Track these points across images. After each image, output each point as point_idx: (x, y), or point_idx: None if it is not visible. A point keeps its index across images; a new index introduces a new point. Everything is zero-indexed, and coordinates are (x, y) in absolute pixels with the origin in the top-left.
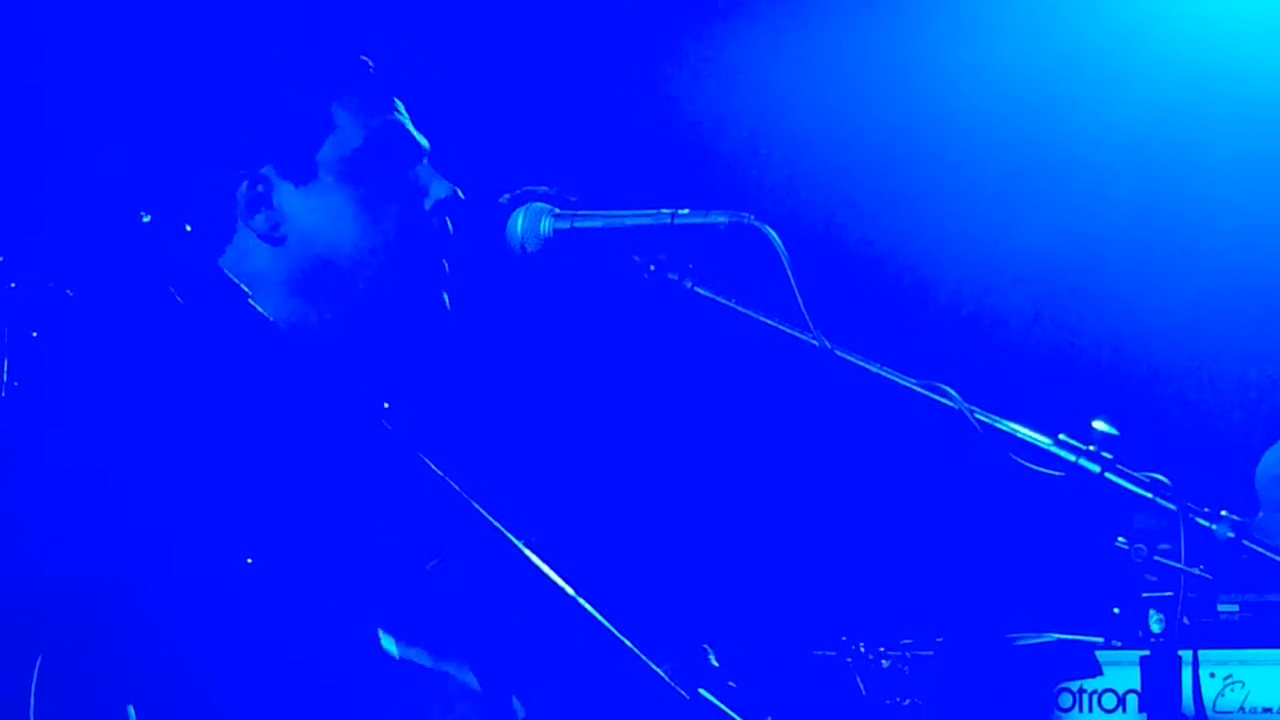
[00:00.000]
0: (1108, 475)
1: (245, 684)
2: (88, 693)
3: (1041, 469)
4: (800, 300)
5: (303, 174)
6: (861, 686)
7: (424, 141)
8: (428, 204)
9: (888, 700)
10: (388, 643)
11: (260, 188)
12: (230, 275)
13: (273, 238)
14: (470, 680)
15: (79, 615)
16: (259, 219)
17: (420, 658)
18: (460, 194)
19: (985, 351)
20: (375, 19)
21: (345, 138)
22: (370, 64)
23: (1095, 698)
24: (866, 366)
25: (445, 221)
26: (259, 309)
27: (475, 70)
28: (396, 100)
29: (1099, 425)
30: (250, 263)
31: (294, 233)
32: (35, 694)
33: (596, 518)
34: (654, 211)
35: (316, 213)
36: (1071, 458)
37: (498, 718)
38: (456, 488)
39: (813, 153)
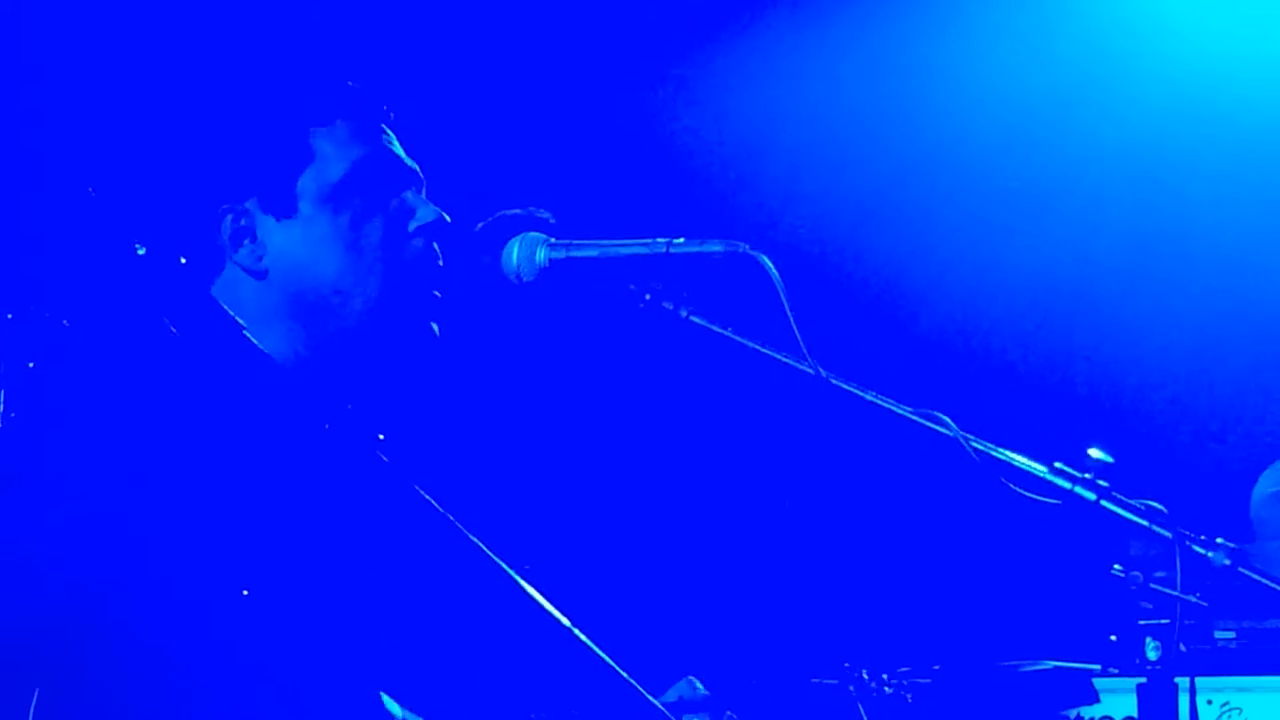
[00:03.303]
0: (1103, 503)
1: (240, 714)
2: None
3: (1037, 497)
4: (795, 329)
5: (283, 207)
6: (864, 715)
7: (414, 165)
8: (411, 227)
9: None
10: (392, 706)
11: (243, 221)
12: (225, 307)
13: (256, 270)
14: None
15: (75, 644)
16: (243, 252)
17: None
18: (447, 218)
19: (980, 379)
20: (363, 43)
21: (326, 168)
22: (356, 90)
23: None
24: (862, 395)
25: (432, 246)
26: (254, 341)
27: (468, 98)
28: (385, 127)
29: (1094, 453)
30: (238, 295)
31: (277, 265)
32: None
33: (594, 547)
34: (649, 240)
35: (298, 245)
36: (1067, 485)
37: None
38: (452, 519)
39: (808, 180)
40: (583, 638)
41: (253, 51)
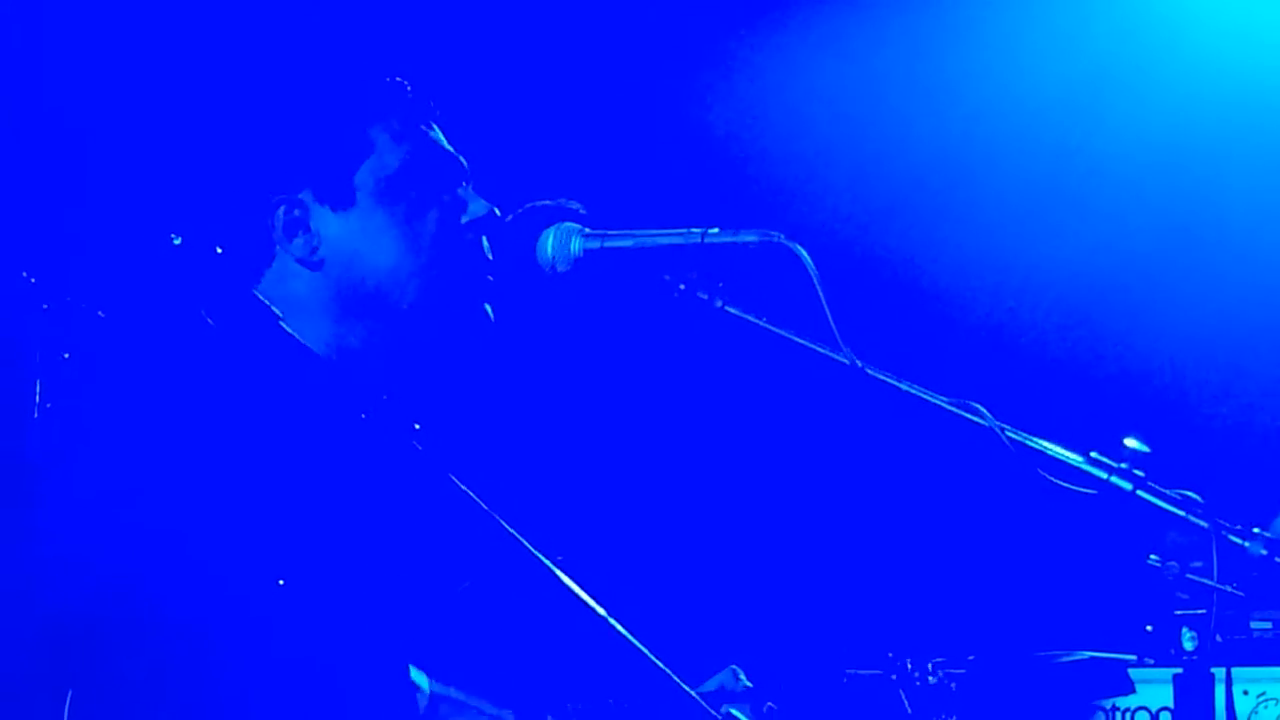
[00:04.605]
0: (1139, 493)
1: (275, 703)
2: (120, 709)
3: (1073, 487)
4: (831, 318)
5: (341, 198)
6: (906, 704)
7: (463, 161)
8: (464, 220)
9: (932, 718)
10: (419, 677)
11: (298, 212)
12: (264, 299)
13: (311, 262)
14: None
15: (111, 633)
16: (297, 243)
17: (453, 694)
18: (497, 212)
19: (1016, 369)
20: (407, 41)
21: (383, 161)
22: (406, 87)
23: (1128, 715)
24: (898, 385)
25: (481, 239)
26: (290, 331)
27: (505, 91)
28: (432, 123)
29: (1130, 442)
30: (289, 287)
31: (333, 256)
32: (69, 712)
33: (628, 536)
34: (684, 231)
35: (355, 236)
36: (1103, 475)
37: None
38: (487, 509)
39: (843, 171)
40: (619, 628)
41: (306, 47)
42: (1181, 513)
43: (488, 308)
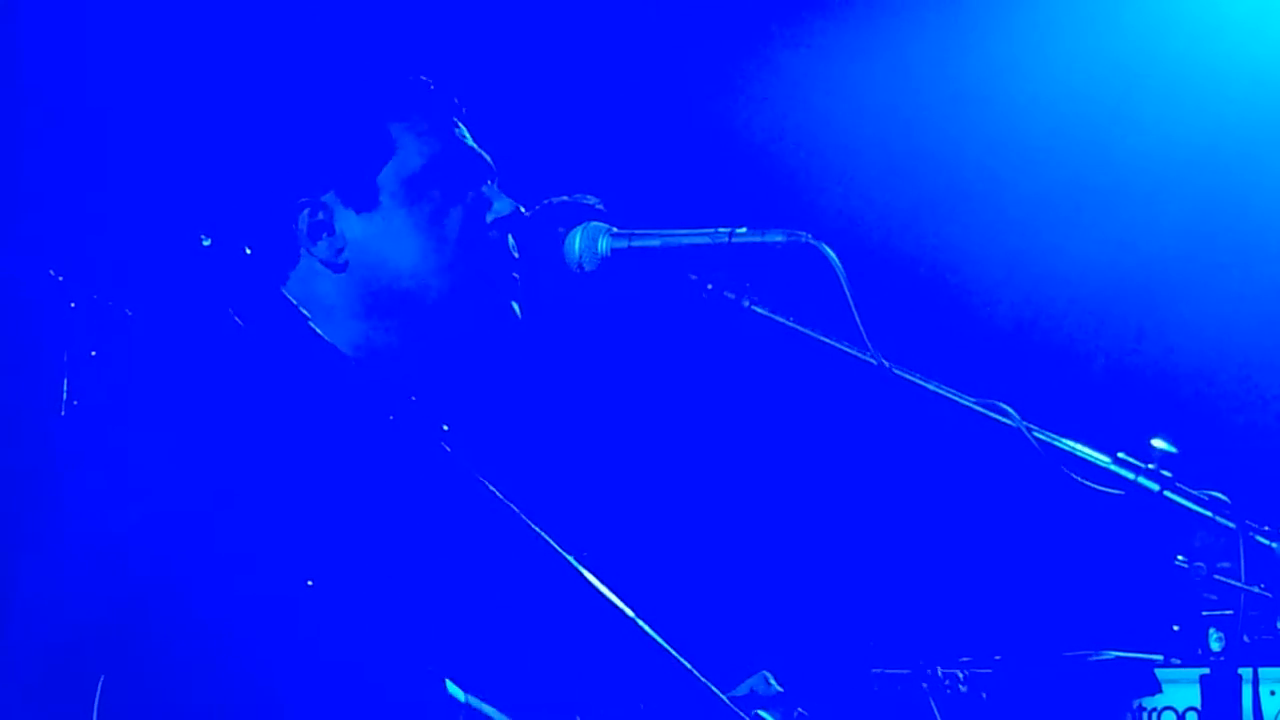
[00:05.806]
0: (1167, 493)
1: (304, 702)
2: (147, 711)
3: (1100, 487)
4: (858, 319)
5: (364, 200)
6: (936, 712)
7: (488, 159)
8: (489, 219)
9: None
10: (455, 690)
11: (321, 215)
12: (293, 300)
13: (335, 264)
14: None
15: (135, 634)
16: (321, 246)
17: (487, 709)
18: (523, 210)
19: (1044, 369)
20: (432, 38)
21: (406, 160)
22: (430, 84)
23: (1155, 715)
24: (925, 385)
25: (507, 238)
26: (319, 332)
27: (533, 88)
28: (457, 120)
29: (1158, 443)
30: (315, 288)
31: (357, 258)
32: (98, 708)
33: (656, 538)
34: (711, 230)
35: (379, 238)
36: (1130, 476)
37: None
38: (515, 509)
39: (870, 170)
40: (648, 630)
41: (329, 47)
42: (1209, 513)
43: (515, 306)
